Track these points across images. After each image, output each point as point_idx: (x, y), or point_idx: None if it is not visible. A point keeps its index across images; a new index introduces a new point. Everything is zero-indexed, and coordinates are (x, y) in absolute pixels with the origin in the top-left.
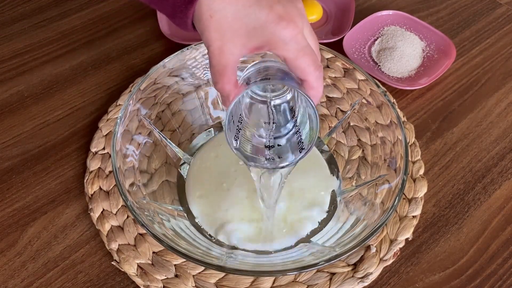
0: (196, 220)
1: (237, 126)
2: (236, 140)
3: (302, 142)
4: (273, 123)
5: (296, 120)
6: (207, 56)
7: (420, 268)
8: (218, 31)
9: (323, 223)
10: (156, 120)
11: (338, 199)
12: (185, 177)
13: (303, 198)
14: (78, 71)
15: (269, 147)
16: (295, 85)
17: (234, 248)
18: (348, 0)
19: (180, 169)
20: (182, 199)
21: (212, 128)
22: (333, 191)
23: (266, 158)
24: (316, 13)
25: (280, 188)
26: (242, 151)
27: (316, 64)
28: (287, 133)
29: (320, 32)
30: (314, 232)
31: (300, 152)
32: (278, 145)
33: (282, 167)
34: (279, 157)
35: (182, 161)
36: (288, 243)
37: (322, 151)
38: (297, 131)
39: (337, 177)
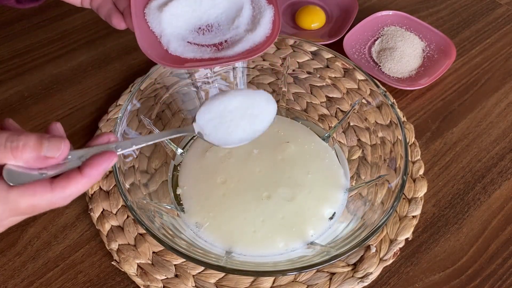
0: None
1: None
2: None
3: None
4: None
5: None
6: None
7: (420, 268)
8: None
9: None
10: (156, 120)
11: None
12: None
13: (312, 196)
14: (78, 71)
15: None
16: None
17: (231, 252)
18: (351, 2)
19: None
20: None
21: None
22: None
23: None
24: (319, 21)
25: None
26: None
27: None
28: None
29: (321, 32)
30: (314, 232)
31: None
32: None
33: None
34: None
35: (181, 161)
36: (290, 244)
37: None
38: None
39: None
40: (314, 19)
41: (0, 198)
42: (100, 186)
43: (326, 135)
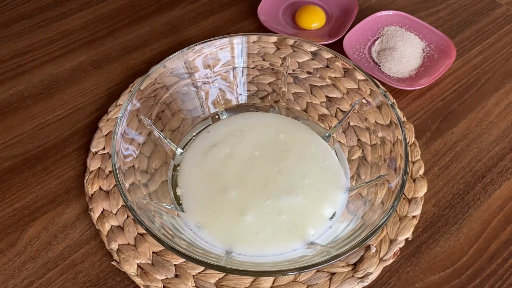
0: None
1: None
2: None
3: None
4: None
5: None
6: (207, 55)
7: (420, 268)
8: None
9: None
10: (156, 120)
11: None
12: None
13: (314, 197)
14: (78, 71)
15: None
16: None
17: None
18: (351, 2)
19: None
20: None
21: (210, 126)
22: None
23: None
24: (319, 21)
25: None
26: None
27: None
28: None
29: (321, 32)
30: (315, 232)
31: None
32: None
33: None
34: None
35: (181, 160)
36: (291, 244)
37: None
38: None
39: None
40: (314, 19)
41: None
42: (100, 186)
43: (326, 135)
